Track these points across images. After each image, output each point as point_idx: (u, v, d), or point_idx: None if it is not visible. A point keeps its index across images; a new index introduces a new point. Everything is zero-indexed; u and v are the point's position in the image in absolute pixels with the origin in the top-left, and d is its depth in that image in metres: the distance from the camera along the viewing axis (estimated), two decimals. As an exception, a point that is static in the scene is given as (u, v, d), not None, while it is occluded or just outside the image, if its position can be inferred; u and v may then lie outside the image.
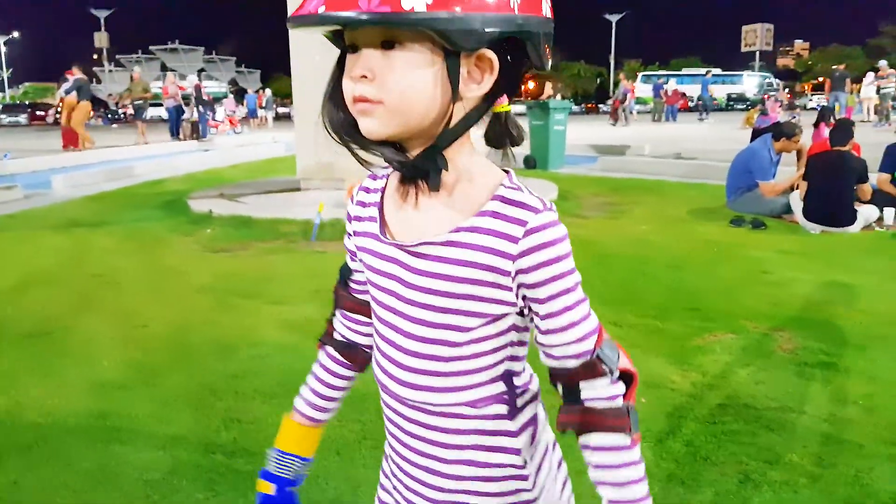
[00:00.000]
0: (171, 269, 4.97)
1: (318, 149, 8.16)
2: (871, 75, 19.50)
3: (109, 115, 45.41)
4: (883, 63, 19.55)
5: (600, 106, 57.27)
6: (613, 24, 65.36)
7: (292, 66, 8.12)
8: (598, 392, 0.88)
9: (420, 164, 0.85)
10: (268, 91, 31.46)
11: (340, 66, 0.87)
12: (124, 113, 43.66)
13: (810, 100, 44.31)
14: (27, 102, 55.40)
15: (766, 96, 38.19)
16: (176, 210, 7.43)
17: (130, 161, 13.55)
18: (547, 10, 0.86)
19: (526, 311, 0.89)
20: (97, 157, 14.67)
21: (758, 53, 57.43)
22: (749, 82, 45.29)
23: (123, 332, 3.63)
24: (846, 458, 2.31)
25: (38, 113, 45.08)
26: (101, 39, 72.89)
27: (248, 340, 3.43)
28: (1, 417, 2.71)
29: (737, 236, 5.66)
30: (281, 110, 45.11)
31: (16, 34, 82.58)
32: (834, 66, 20.65)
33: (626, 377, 0.91)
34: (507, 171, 0.91)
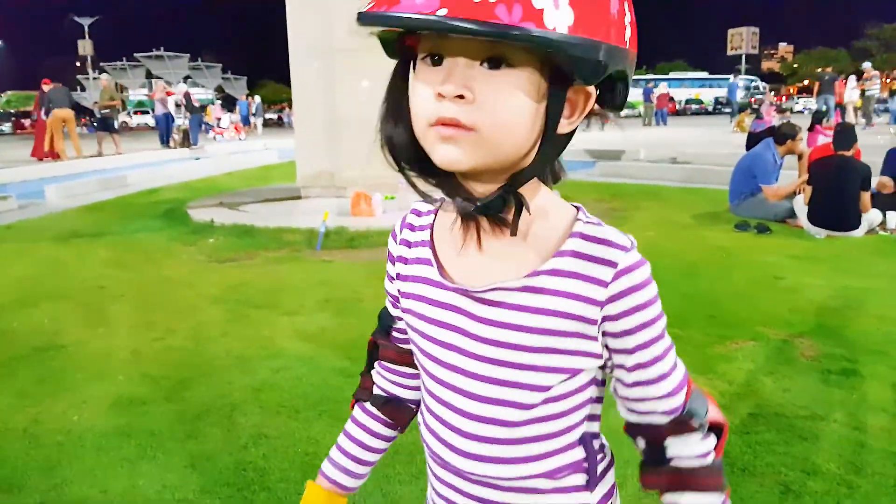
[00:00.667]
0: (179, 281, 4.92)
1: (319, 156, 8.16)
2: (853, 79, 19.71)
3: (95, 124, 45.08)
4: (867, 65, 19.74)
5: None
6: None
7: (292, 73, 8.09)
8: (689, 449, 0.80)
9: (497, 205, 0.74)
10: (257, 98, 31.38)
11: (403, 75, 0.76)
12: (123, 122, 43.36)
13: (796, 103, 44.78)
14: (11, 111, 54.89)
15: (752, 100, 38.56)
16: (176, 219, 7.37)
17: (122, 170, 13.45)
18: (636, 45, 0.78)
19: (609, 363, 0.80)
20: (88, 166, 14.54)
21: (744, 57, 57.86)
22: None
23: (137, 346, 3.58)
24: (882, 467, 2.30)
25: (23, 121, 44.66)
26: (84, 47, 72.36)
27: (266, 353, 3.39)
28: (21, 435, 2.66)
29: (744, 241, 5.68)
30: (268, 116, 45.08)
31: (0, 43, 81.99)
32: (822, 70, 20.88)
33: (716, 428, 0.83)
34: (576, 207, 0.81)
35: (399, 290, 0.89)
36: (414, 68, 0.75)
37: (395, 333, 0.96)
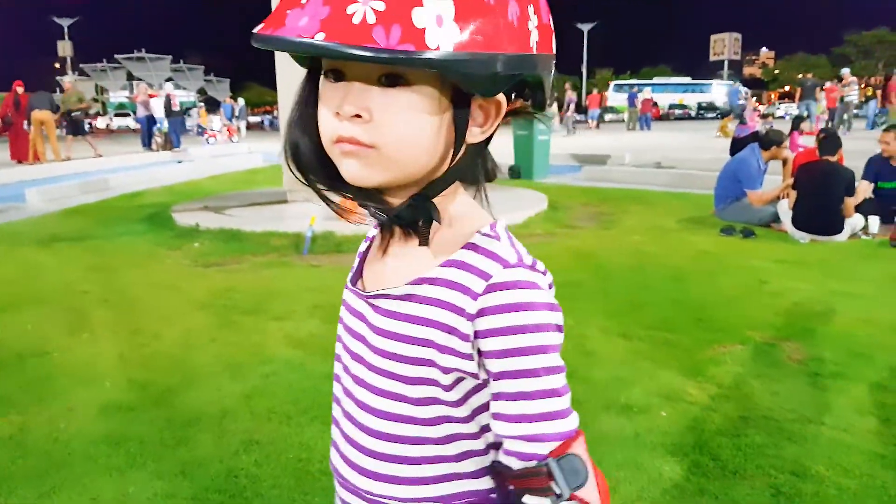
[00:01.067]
0: (164, 285, 4.87)
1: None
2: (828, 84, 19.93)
3: (65, 126, 44.45)
4: (845, 71, 20.01)
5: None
6: (585, 34, 66.09)
7: (278, 75, 8.03)
8: None
9: (408, 216, 0.73)
10: (240, 100, 31.20)
11: (311, 88, 0.74)
12: (90, 123, 42.89)
13: (778, 108, 45.28)
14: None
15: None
16: (159, 224, 7.30)
17: (104, 173, 13.29)
18: (554, 45, 0.76)
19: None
20: (68, 168, 14.38)
21: (726, 62, 58.41)
22: (718, 91, 46.11)
23: (124, 352, 3.53)
24: (870, 469, 2.33)
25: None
26: (64, 48, 71.54)
27: (256, 359, 3.36)
28: (7, 443, 2.62)
29: (729, 246, 5.74)
30: (252, 119, 44.85)
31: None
32: (803, 76, 21.12)
33: None
34: (494, 221, 0.78)
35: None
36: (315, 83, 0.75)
37: None
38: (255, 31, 0.67)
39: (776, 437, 2.54)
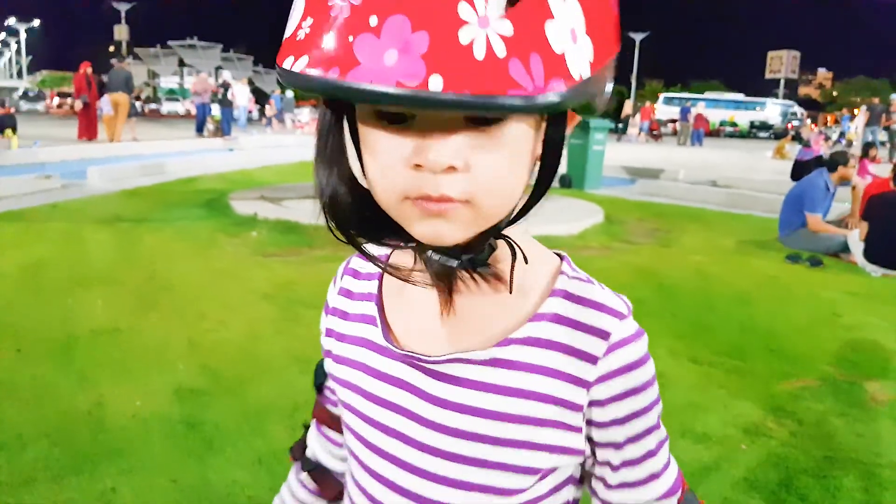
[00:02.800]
0: (226, 273, 4.93)
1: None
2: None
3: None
4: (895, 97, 19.13)
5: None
6: (637, 43, 65.33)
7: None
8: None
9: (483, 257, 0.60)
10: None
11: (338, 122, 0.59)
12: (143, 107, 43.88)
13: (834, 132, 44.15)
14: (45, 91, 55.69)
15: (789, 125, 38.09)
16: (217, 210, 7.40)
17: (160, 157, 13.55)
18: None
19: (590, 460, 0.67)
20: (125, 150, 14.70)
21: (782, 81, 57.10)
22: (772, 110, 45.11)
23: (192, 336, 3.57)
24: (969, 523, 2.23)
25: (61, 101, 45.31)
26: (120, 32, 73.34)
27: (321, 354, 3.36)
28: (86, 417, 2.66)
29: (797, 274, 5.58)
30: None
31: (36, 22, 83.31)
32: (868, 100, 20.42)
33: None
34: (560, 255, 0.67)
35: (332, 354, 0.73)
36: (350, 116, 0.59)
37: (327, 393, 0.81)
38: (298, 71, 0.48)
39: (866, 482, 2.44)
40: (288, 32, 0.52)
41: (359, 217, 0.61)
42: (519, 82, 0.45)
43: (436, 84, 0.44)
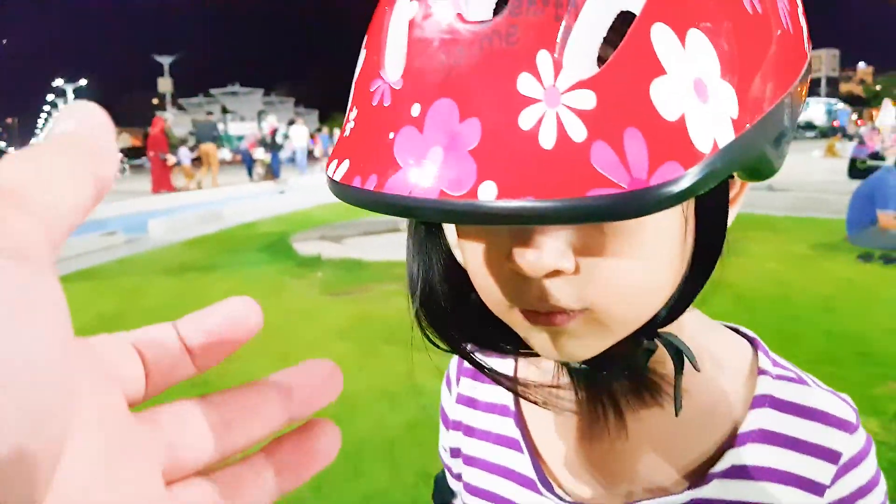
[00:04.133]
0: (299, 313, 5.05)
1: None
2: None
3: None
4: None
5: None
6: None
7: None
8: None
9: (638, 365, 0.47)
10: (337, 130, 32.23)
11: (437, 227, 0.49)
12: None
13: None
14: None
15: (835, 123, 37.10)
16: (280, 252, 7.59)
17: (216, 204, 13.98)
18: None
19: None
20: (181, 200, 15.22)
21: (823, 79, 55.87)
22: (816, 109, 44.08)
23: (279, 379, 3.66)
24: None
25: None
26: (164, 85, 76.12)
27: (409, 389, 3.42)
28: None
29: (871, 274, 5.43)
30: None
31: (83, 81, 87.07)
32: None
33: None
34: (751, 340, 0.54)
35: (463, 481, 0.61)
36: None
37: None
38: (339, 178, 0.39)
39: None
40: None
41: (462, 315, 0.50)
42: (606, 175, 0.31)
43: (487, 192, 0.32)
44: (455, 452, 0.63)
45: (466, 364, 0.60)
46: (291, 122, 21.90)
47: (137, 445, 0.22)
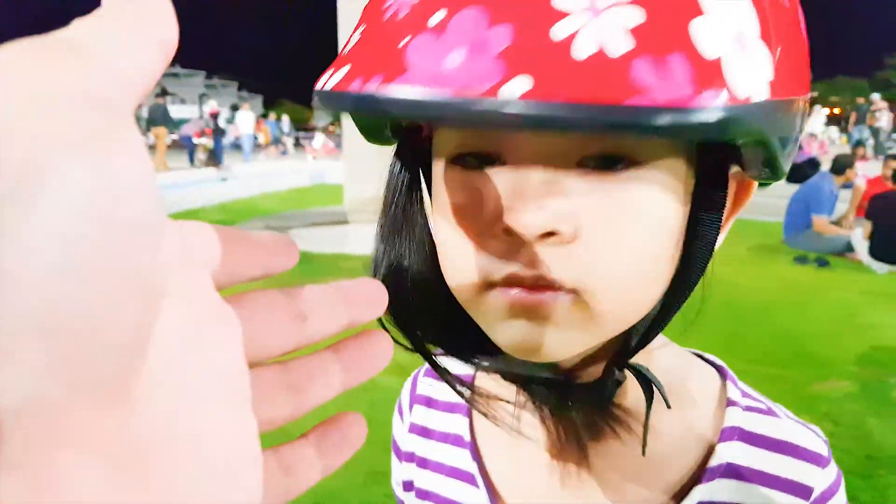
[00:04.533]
0: (247, 306, 4.95)
1: (372, 179, 8.12)
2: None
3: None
4: (875, 96, 19.38)
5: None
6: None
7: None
8: None
9: (607, 391, 0.44)
10: (285, 117, 31.64)
11: (414, 176, 0.45)
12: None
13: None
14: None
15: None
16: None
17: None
18: None
19: None
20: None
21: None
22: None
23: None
24: None
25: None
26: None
27: (360, 386, 3.36)
28: None
29: (807, 276, 5.67)
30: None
31: None
32: (856, 100, 20.63)
33: None
34: (718, 368, 0.53)
35: None
36: (426, 171, 0.44)
37: None
38: (332, 86, 0.34)
39: (912, 480, 2.49)
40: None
41: (430, 311, 0.44)
42: (646, 89, 0.28)
43: (513, 90, 0.28)
44: (408, 486, 0.58)
45: (419, 391, 0.58)
46: (235, 108, 21.42)
47: (224, 323, 0.23)
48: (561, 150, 0.36)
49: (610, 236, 0.36)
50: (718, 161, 0.40)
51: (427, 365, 0.50)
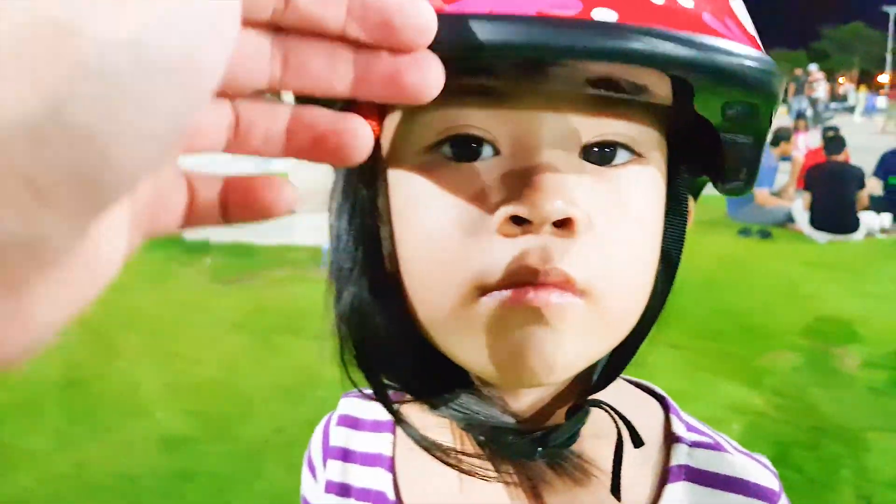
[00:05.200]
0: (189, 305, 4.78)
1: (317, 168, 7.94)
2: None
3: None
4: (812, 67, 19.92)
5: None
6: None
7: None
8: None
9: (569, 436, 0.40)
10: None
11: (373, 174, 0.39)
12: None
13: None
14: None
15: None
16: (165, 237, 7.16)
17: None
18: None
19: None
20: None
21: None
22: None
23: (166, 378, 3.45)
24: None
25: None
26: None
27: (308, 382, 3.29)
28: (72, 482, 2.54)
29: (750, 248, 5.78)
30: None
31: None
32: (793, 72, 21.13)
33: None
34: (660, 399, 0.48)
35: None
36: (380, 170, 0.38)
37: None
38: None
39: (854, 448, 2.54)
40: None
41: (399, 354, 0.40)
42: (721, 34, 0.30)
43: (605, 14, 0.27)
44: None
45: (333, 442, 0.51)
46: None
47: None
48: (561, 137, 0.33)
49: (622, 230, 0.35)
50: (691, 155, 0.40)
51: (338, 411, 0.49)
